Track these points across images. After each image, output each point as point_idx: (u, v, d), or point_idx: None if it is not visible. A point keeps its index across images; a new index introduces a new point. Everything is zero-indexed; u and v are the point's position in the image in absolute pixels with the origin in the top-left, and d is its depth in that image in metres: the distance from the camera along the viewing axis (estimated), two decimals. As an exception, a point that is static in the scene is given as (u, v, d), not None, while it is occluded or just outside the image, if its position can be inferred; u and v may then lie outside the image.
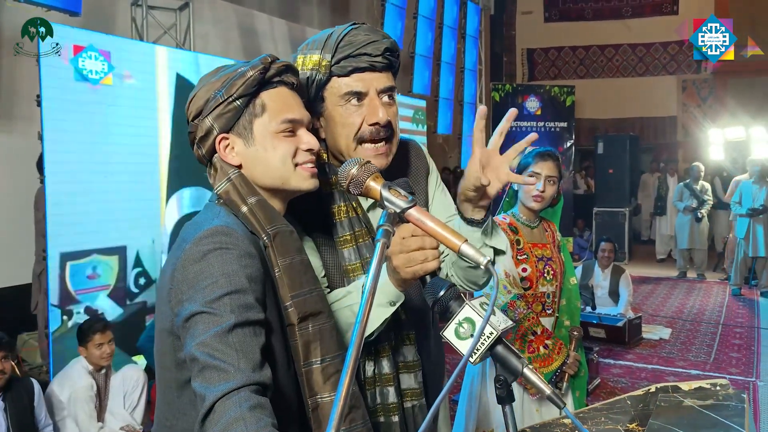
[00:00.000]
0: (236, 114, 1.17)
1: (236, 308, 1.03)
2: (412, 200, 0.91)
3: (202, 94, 1.19)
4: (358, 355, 0.75)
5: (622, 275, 6.25)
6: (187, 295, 1.06)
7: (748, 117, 10.16)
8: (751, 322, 6.77)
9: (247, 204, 1.16)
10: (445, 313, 1.01)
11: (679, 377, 4.99)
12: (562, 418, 1.23)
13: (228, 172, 1.19)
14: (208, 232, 1.10)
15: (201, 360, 0.99)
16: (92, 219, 4.00)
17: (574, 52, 13.05)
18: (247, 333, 1.03)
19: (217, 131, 1.18)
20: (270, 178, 1.20)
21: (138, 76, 4.32)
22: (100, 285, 4.08)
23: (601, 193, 10.50)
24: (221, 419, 0.93)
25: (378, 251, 0.83)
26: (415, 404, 1.41)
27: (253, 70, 1.17)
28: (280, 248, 1.14)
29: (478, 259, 0.87)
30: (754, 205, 7.75)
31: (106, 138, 4.09)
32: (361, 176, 0.94)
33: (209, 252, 1.07)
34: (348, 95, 1.29)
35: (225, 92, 1.16)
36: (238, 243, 1.09)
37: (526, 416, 2.48)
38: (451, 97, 8.94)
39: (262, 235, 1.14)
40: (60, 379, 3.35)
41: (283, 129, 1.18)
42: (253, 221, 1.15)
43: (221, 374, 0.97)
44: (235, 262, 1.06)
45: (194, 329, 1.02)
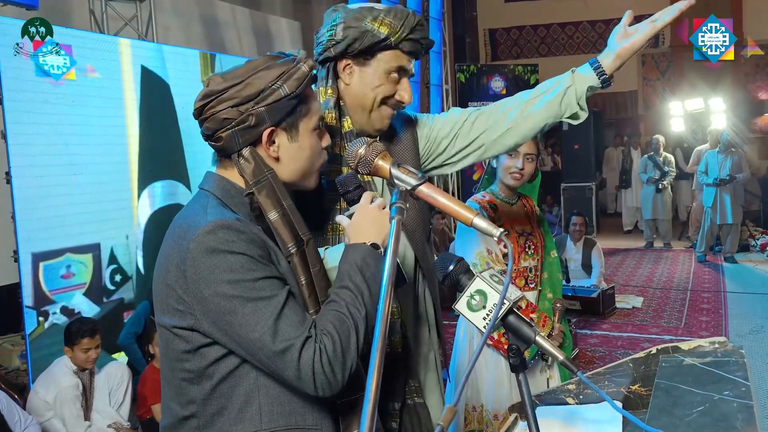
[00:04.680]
0: (291, 110, 1.19)
1: (273, 287, 1.10)
2: (422, 177, 0.92)
3: (257, 82, 1.17)
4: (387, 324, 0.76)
5: (594, 248, 6.38)
6: (211, 289, 1.09)
7: (707, 88, 10.39)
8: (717, 287, 6.99)
9: (284, 206, 1.18)
10: (455, 286, 1.02)
11: (653, 343, 5.12)
12: (567, 384, 1.26)
13: (264, 169, 1.20)
14: (208, 228, 1.11)
15: (278, 347, 1.06)
16: (63, 217, 3.92)
17: (535, 30, 13.14)
18: (291, 302, 1.12)
19: (269, 123, 1.18)
20: (295, 173, 1.24)
21: (102, 69, 4.22)
22: (75, 284, 4.00)
23: (568, 169, 10.66)
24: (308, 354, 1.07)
25: (394, 229, 0.84)
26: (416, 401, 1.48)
27: (306, 67, 1.20)
28: (313, 254, 1.19)
29: (491, 231, 0.89)
30: (721, 175, 7.96)
31: (72, 134, 4.00)
32: (370, 156, 0.95)
33: (220, 245, 1.09)
34: (399, 70, 1.52)
35: (288, 87, 1.17)
36: (240, 234, 1.11)
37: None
38: (417, 80, 8.94)
39: (290, 243, 1.18)
40: (44, 379, 3.29)
41: (317, 127, 1.24)
42: (284, 227, 1.17)
43: (292, 350, 1.07)
44: (248, 250, 1.10)
45: (244, 318, 1.07)
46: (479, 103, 10.05)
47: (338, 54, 1.50)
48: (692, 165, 9.05)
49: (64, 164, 3.94)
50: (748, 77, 11.67)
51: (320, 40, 1.55)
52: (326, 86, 1.53)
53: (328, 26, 1.54)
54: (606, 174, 12.02)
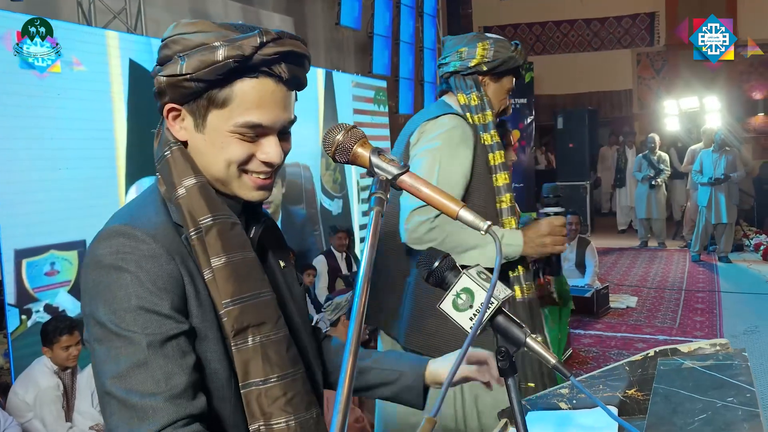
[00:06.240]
0: (193, 94, 0.97)
1: (148, 324, 0.89)
2: (404, 166, 0.86)
3: (174, 46, 0.97)
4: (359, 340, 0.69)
5: (588, 247, 6.33)
6: (89, 307, 0.92)
7: (702, 87, 10.36)
8: (711, 286, 6.95)
9: (184, 186, 0.98)
10: (440, 284, 0.96)
11: (647, 344, 5.08)
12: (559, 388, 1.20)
13: (169, 141, 1.02)
14: (106, 233, 0.95)
15: (117, 396, 0.87)
16: (47, 213, 3.83)
17: (530, 28, 13.08)
18: (169, 353, 0.89)
19: (168, 99, 0.99)
20: (209, 174, 1.01)
21: (88, 63, 4.14)
22: (59, 281, 3.91)
23: (562, 168, 10.62)
24: None
25: (373, 220, 0.78)
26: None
27: (230, 52, 0.92)
28: (214, 244, 0.96)
29: (478, 224, 0.82)
30: (716, 174, 7.93)
31: (57, 128, 3.91)
32: (348, 142, 0.88)
33: (106, 257, 0.92)
34: (510, 89, 2.07)
35: (186, 65, 0.94)
36: (139, 246, 0.92)
37: None
38: (411, 77, 8.86)
39: (191, 228, 0.96)
40: (23, 380, 3.21)
41: (240, 132, 0.97)
42: (185, 209, 0.97)
43: (142, 415, 0.86)
44: (138, 269, 0.91)
45: (103, 355, 0.89)
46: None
47: (488, 70, 1.96)
48: (687, 164, 9.02)
49: (49, 158, 3.86)
50: (742, 76, 11.65)
51: (469, 55, 1.97)
52: (473, 92, 1.96)
53: (473, 45, 1.98)
54: (601, 173, 11.99)
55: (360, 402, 3.29)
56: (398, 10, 8.44)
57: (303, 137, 6.10)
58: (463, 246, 1.76)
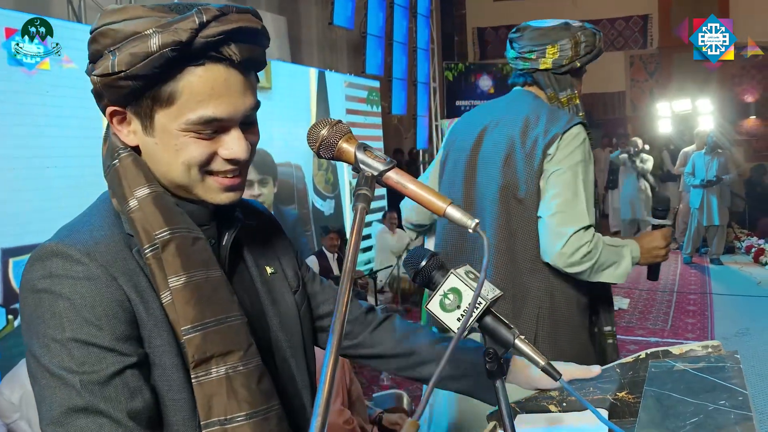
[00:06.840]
0: (132, 94, 0.84)
1: (85, 360, 0.78)
2: (390, 162, 0.83)
3: (103, 39, 0.83)
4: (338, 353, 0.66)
5: (581, 248, 6.33)
6: (26, 338, 0.81)
7: (695, 89, 10.40)
8: (703, 288, 6.97)
9: (136, 197, 0.86)
10: (428, 284, 0.94)
11: (639, 346, 5.08)
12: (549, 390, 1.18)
13: (118, 148, 0.89)
14: (38, 253, 0.83)
15: None
16: (35, 212, 3.79)
17: (523, 30, 13.11)
18: (111, 394, 0.78)
19: (107, 101, 0.87)
20: (169, 181, 0.90)
21: (78, 60, 4.10)
22: (47, 281, 3.88)
23: (556, 170, 10.59)
24: None
25: (357, 218, 0.75)
26: None
27: (165, 39, 0.79)
28: (172, 261, 0.84)
29: (466, 222, 0.80)
30: (708, 176, 7.95)
31: (46, 125, 3.88)
32: (333, 138, 0.85)
33: (39, 282, 0.81)
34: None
35: (118, 61, 0.80)
36: (74, 267, 0.81)
37: None
38: (404, 77, 8.85)
39: (145, 244, 0.84)
40: (9, 380, 3.17)
41: (194, 131, 0.85)
42: (138, 224, 0.85)
43: None
44: (73, 293, 0.80)
45: (38, 395, 0.79)
46: (467, 102, 9.99)
47: (581, 66, 1.90)
48: (679, 166, 9.04)
49: (37, 156, 3.82)
50: (735, 79, 11.71)
51: (563, 53, 1.87)
52: (571, 93, 1.93)
53: (564, 39, 1.89)
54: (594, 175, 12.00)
55: (350, 403, 3.26)
56: (392, 10, 8.42)
57: (295, 137, 6.08)
58: (604, 264, 1.77)
